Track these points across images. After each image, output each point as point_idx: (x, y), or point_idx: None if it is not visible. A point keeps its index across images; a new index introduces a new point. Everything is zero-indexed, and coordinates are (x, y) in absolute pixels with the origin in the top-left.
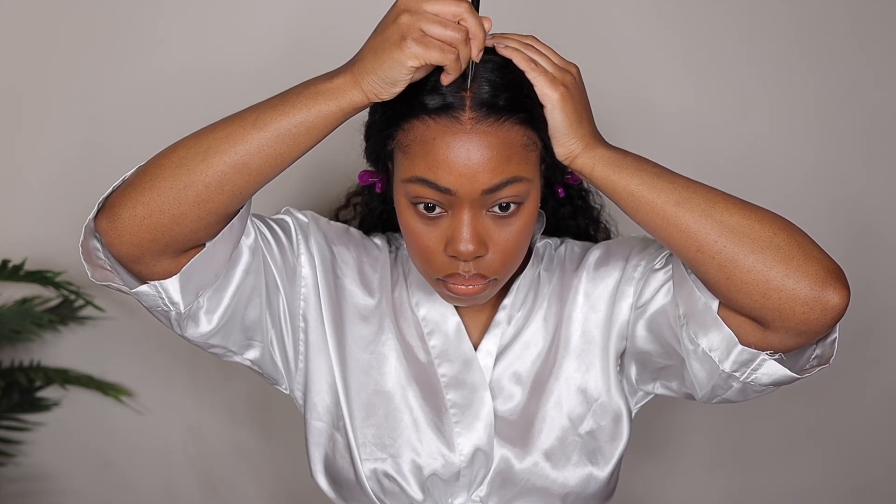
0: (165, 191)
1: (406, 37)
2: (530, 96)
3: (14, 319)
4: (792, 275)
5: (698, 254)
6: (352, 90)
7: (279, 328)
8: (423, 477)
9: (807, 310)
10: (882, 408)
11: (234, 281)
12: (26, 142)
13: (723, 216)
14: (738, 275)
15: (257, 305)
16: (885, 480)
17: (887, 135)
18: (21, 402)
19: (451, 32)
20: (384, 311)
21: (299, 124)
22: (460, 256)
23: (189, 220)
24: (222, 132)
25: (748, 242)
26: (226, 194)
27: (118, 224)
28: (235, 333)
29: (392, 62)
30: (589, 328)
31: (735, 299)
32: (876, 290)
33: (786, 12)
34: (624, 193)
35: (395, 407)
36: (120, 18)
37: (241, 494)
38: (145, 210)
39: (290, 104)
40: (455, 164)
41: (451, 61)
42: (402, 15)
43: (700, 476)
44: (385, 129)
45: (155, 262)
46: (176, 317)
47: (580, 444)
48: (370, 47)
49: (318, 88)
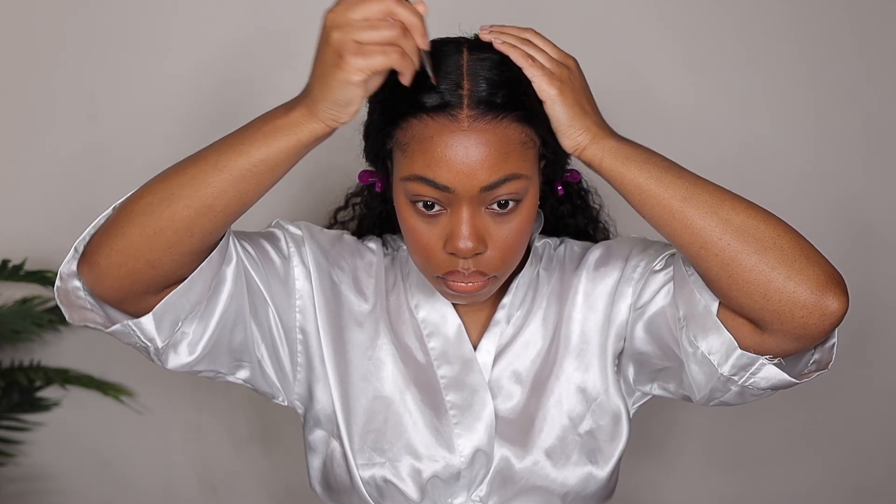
0: (136, 237)
1: (342, 53)
2: (528, 93)
3: (14, 319)
4: (794, 277)
5: (702, 250)
6: (309, 122)
7: (271, 344)
8: (422, 480)
9: (806, 314)
10: (882, 408)
11: (217, 309)
12: (26, 142)
13: (728, 214)
14: (741, 273)
15: (243, 329)
16: (885, 480)
17: (887, 135)
18: (21, 402)
19: (385, 31)
20: (379, 316)
21: (260, 163)
22: (459, 254)
23: (163, 264)
24: (184, 176)
25: (752, 242)
26: (196, 237)
27: (98, 271)
28: (223, 357)
29: (338, 84)
30: (588, 328)
31: (736, 298)
32: (876, 290)
33: (786, 12)
34: (631, 186)
35: (395, 411)
36: (120, 19)
37: (241, 494)
38: (120, 258)
39: (248, 143)
40: (453, 161)
41: (397, 60)
42: (332, 33)
43: (700, 477)
44: (383, 128)
45: (139, 300)
46: (154, 352)
47: (580, 443)
48: (315, 75)
49: (276, 124)
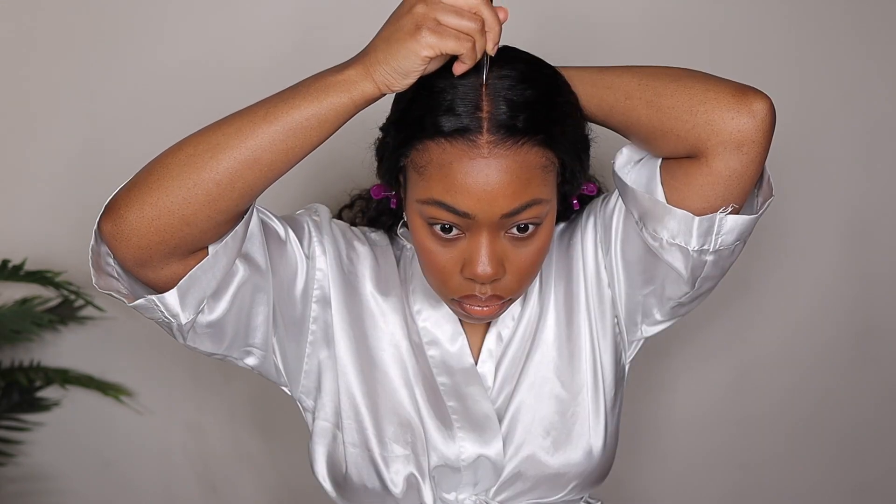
0: (174, 190)
1: (421, 26)
2: (548, 114)
3: (14, 319)
4: (710, 87)
5: (628, 101)
6: (363, 81)
7: (285, 332)
8: (429, 472)
9: (735, 114)
10: (882, 408)
11: (239, 289)
12: (27, 141)
13: (638, 69)
14: (664, 102)
15: (262, 312)
16: (885, 480)
17: (887, 135)
18: (21, 402)
19: (468, 22)
20: (396, 308)
21: (311, 117)
22: (478, 279)
23: (199, 221)
24: (231, 127)
25: (665, 76)
26: (237, 192)
27: (124, 227)
28: (239, 339)
29: (406, 52)
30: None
31: (670, 131)
32: (876, 290)
33: (787, 12)
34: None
35: (404, 404)
36: (122, 17)
37: (241, 494)
38: (153, 211)
39: (300, 97)
40: (474, 189)
41: (468, 49)
42: (418, 5)
43: (700, 476)
44: (399, 148)
45: (162, 265)
46: (178, 328)
47: (576, 425)
48: (382, 38)
49: (329, 80)
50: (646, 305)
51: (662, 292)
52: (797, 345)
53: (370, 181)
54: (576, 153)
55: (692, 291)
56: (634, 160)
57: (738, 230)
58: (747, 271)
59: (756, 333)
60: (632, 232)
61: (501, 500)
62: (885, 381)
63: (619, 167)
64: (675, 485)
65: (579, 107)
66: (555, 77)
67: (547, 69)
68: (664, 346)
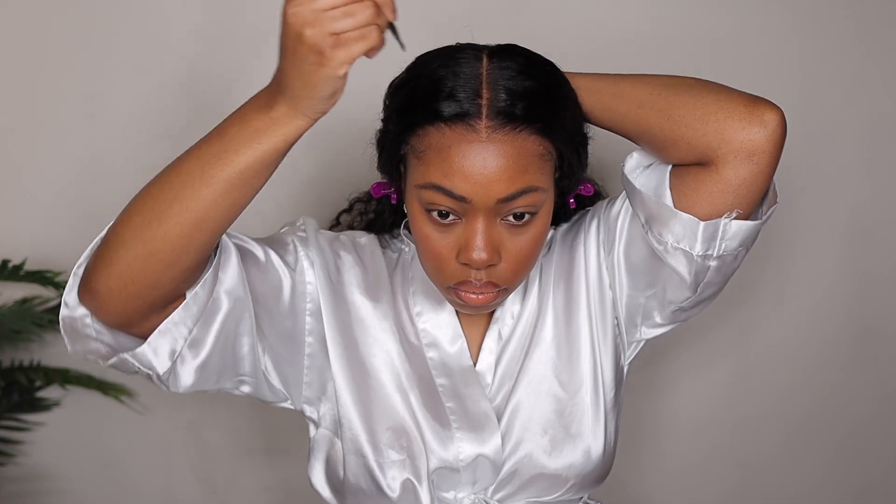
0: (132, 262)
1: (322, 51)
2: (548, 105)
3: (14, 319)
4: (722, 97)
5: (640, 109)
6: (294, 119)
7: (277, 353)
8: (427, 475)
9: (746, 124)
10: (881, 408)
11: (216, 329)
12: (26, 142)
13: (650, 78)
14: (676, 110)
15: (246, 343)
16: (885, 480)
17: (887, 137)
18: (21, 402)
19: (361, 14)
20: (387, 314)
21: (247, 168)
22: (473, 265)
23: (164, 284)
24: (171, 192)
25: (676, 86)
26: (192, 253)
27: (100, 299)
28: (227, 373)
29: (323, 79)
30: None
31: (680, 138)
32: (876, 291)
33: (786, 12)
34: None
35: (398, 410)
36: (124, 20)
37: (241, 494)
38: (118, 283)
39: (233, 151)
40: (471, 172)
41: (377, 40)
42: (304, 30)
43: (700, 476)
44: (399, 135)
45: (144, 321)
46: (157, 378)
47: (574, 425)
48: (293, 75)
49: (257, 126)
50: (646, 308)
51: (664, 295)
52: (797, 345)
53: (368, 184)
54: (573, 146)
55: (694, 296)
56: (644, 165)
57: (741, 235)
58: (747, 271)
59: (756, 334)
60: (637, 234)
61: (500, 498)
62: (884, 381)
63: (628, 170)
64: (675, 485)
65: (578, 103)
66: (554, 72)
67: (547, 65)
68: (665, 346)
